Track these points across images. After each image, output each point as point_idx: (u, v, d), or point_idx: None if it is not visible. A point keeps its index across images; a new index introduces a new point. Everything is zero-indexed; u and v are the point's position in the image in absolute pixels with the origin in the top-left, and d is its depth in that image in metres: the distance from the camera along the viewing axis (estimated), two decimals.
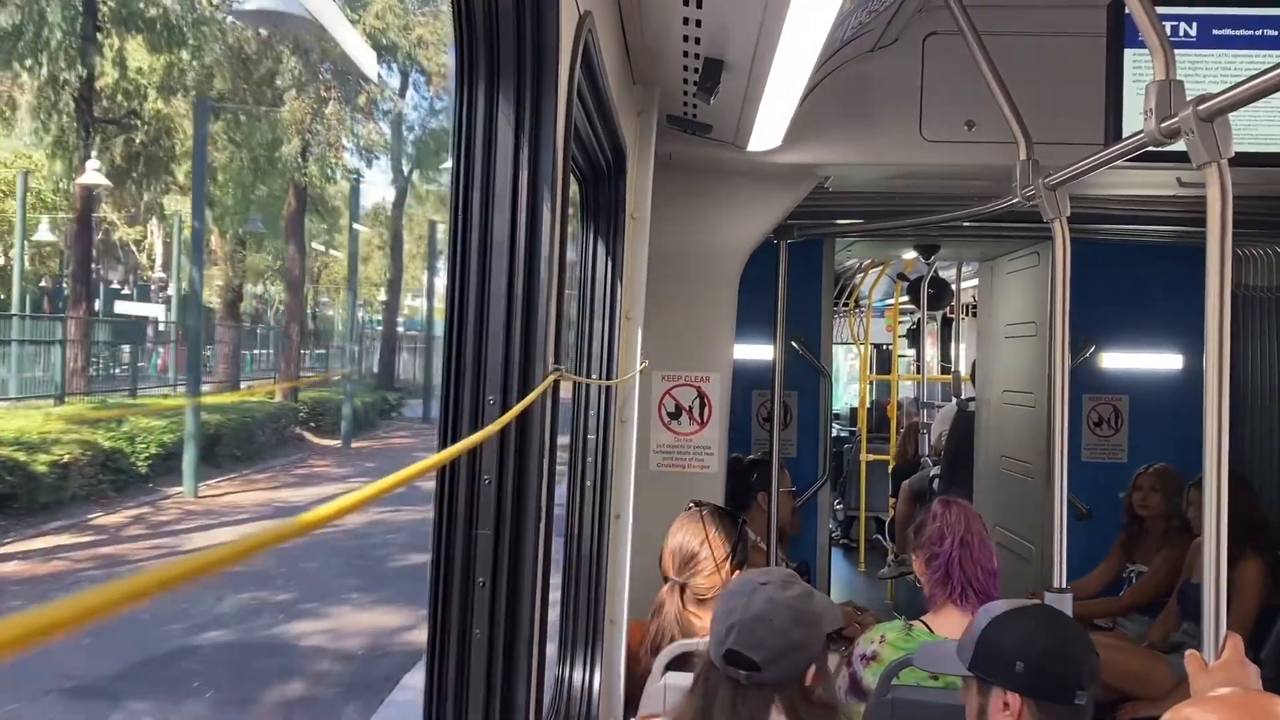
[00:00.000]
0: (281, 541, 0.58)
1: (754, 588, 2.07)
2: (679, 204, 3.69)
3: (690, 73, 2.62)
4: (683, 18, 2.27)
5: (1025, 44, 3.23)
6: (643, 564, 3.00)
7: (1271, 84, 1.61)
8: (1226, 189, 1.70)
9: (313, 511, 0.60)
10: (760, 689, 1.99)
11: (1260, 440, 5.13)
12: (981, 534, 2.89)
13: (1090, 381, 5.45)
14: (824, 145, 3.48)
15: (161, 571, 0.46)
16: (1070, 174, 2.47)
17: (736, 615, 2.02)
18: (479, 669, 1.50)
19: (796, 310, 5.00)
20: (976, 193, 3.54)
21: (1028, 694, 2.06)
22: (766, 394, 4.94)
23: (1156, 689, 3.87)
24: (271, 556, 11.08)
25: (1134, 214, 4.35)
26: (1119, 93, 2.82)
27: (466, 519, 1.50)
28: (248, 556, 0.53)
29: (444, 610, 1.50)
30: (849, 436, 9.56)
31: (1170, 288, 4.99)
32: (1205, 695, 1.50)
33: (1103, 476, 5.36)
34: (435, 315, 50.09)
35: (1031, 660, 2.06)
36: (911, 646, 2.76)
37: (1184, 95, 1.85)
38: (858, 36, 3.20)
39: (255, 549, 0.54)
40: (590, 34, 1.83)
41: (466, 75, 1.57)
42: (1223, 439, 1.68)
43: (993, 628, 2.16)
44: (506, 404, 1.49)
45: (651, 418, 3.82)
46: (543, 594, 1.56)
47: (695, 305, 3.84)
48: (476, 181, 1.56)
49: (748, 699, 1.99)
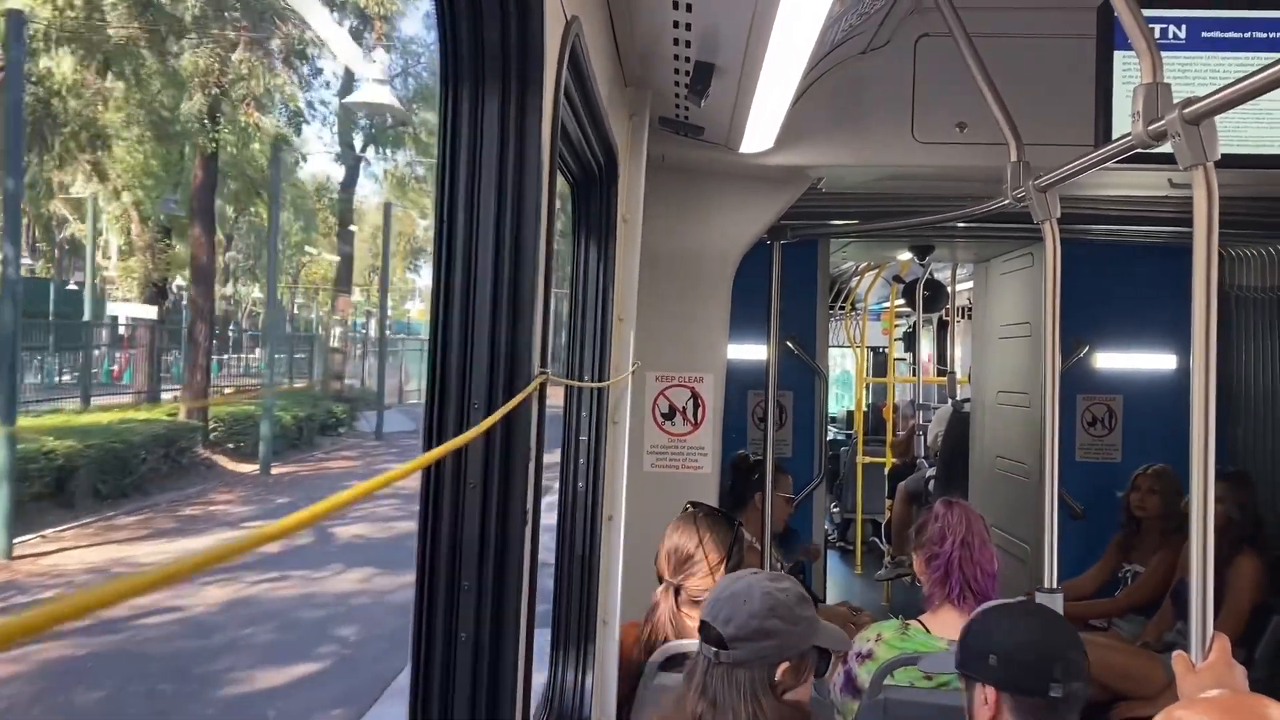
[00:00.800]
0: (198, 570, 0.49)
1: (746, 575, 2.14)
2: (672, 206, 3.69)
3: (681, 75, 2.63)
4: (673, 21, 2.27)
5: (1016, 46, 3.24)
6: (636, 565, 3.01)
7: (1256, 87, 1.62)
8: (1213, 191, 1.71)
9: (274, 523, 0.58)
10: (728, 669, 2.01)
11: (1254, 440, 5.14)
12: (983, 535, 2.90)
13: (1084, 381, 5.46)
14: (816, 147, 3.49)
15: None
16: (1060, 176, 2.48)
17: (718, 591, 2.10)
18: (465, 672, 1.50)
19: (792, 311, 5.01)
20: (969, 194, 3.55)
21: (1003, 687, 2.08)
22: (762, 394, 4.94)
23: (1151, 689, 3.87)
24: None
25: (1125, 215, 4.36)
26: (1108, 95, 2.83)
27: (451, 522, 1.50)
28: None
29: (429, 613, 1.50)
30: (845, 440, 9.56)
31: (1163, 288, 5.00)
32: (1197, 697, 1.50)
33: (1097, 476, 5.37)
34: (403, 316, 48.69)
35: (1003, 653, 2.08)
36: (908, 646, 2.77)
37: (1170, 98, 1.86)
38: (849, 39, 3.21)
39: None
40: (578, 38, 1.84)
41: (451, 79, 1.57)
42: (1209, 438, 1.68)
43: (973, 624, 2.20)
44: (492, 407, 1.49)
45: (645, 418, 3.83)
46: (530, 596, 1.56)
47: (689, 306, 3.84)
48: (462, 184, 1.56)
49: (714, 676, 2.02)
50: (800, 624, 2.07)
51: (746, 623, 2.02)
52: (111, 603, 0.46)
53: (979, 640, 2.14)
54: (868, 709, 2.61)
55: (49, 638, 7.41)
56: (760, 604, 2.04)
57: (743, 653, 2.01)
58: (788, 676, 2.04)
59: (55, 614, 0.43)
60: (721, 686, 2.01)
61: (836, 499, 8.94)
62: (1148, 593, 4.64)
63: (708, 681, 2.02)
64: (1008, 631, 2.13)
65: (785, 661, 2.04)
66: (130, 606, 8.76)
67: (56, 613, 0.43)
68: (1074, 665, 2.07)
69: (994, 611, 2.24)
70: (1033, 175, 2.62)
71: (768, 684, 2.01)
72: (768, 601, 2.04)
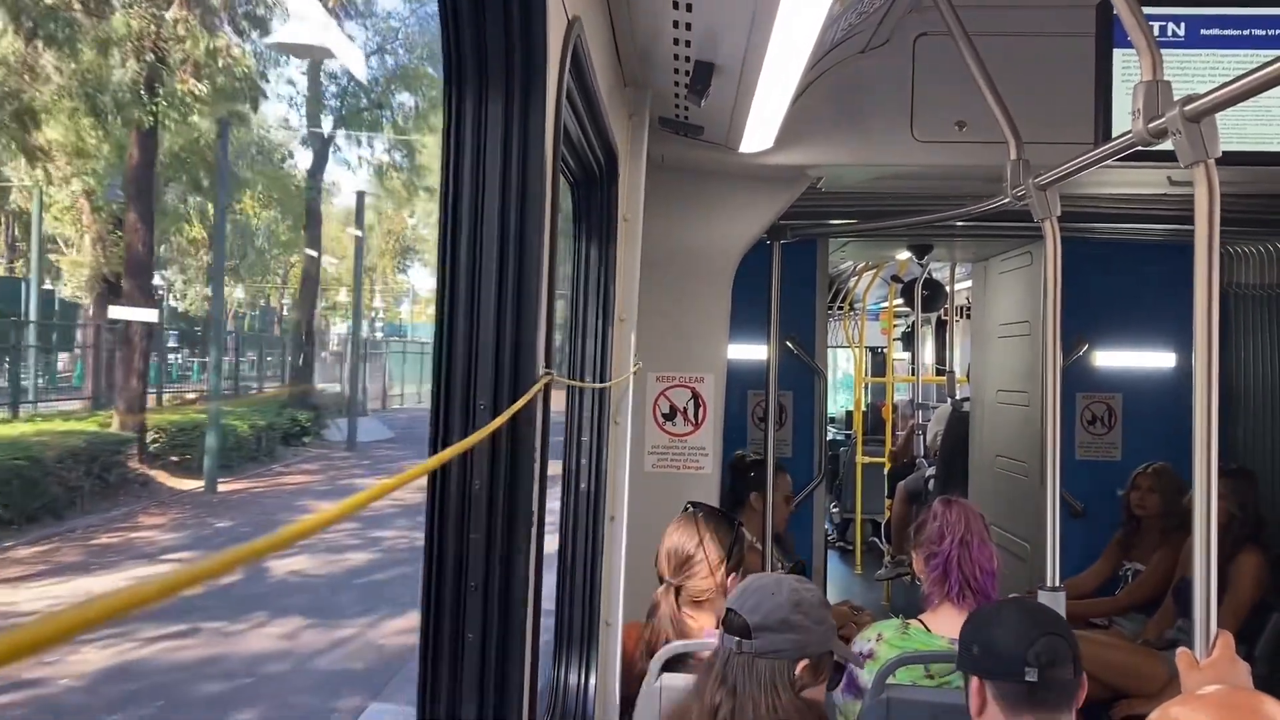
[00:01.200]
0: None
1: (776, 574, 2.22)
2: (672, 206, 3.70)
3: (681, 75, 2.63)
4: (673, 21, 2.27)
5: (1015, 44, 3.24)
6: (638, 566, 3.01)
7: (1257, 84, 1.62)
8: (1214, 188, 1.71)
9: (278, 532, 0.56)
10: (749, 659, 2.04)
11: (1255, 438, 5.15)
12: (982, 534, 2.90)
13: (1084, 380, 5.46)
14: (816, 146, 3.49)
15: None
16: (1060, 174, 2.48)
17: (747, 583, 2.16)
18: (472, 672, 1.50)
19: (791, 311, 5.01)
20: (968, 193, 3.56)
21: (984, 676, 2.10)
22: (762, 394, 4.95)
23: (1152, 686, 3.88)
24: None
25: (1125, 213, 4.37)
26: (1108, 93, 2.83)
27: (458, 523, 1.51)
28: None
29: (437, 614, 1.51)
30: (845, 440, 9.56)
31: (1162, 286, 5.00)
32: (1193, 693, 1.51)
33: (1097, 474, 5.37)
34: (395, 318, 46.83)
35: (982, 642, 2.13)
36: (908, 645, 2.77)
37: (1171, 95, 1.86)
38: (848, 38, 3.21)
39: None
40: (579, 38, 1.84)
41: (455, 80, 1.57)
42: (1212, 436, 1.69)
43: (966, 622, 2.24)
44: (497, 408, 1.49)
45: (646, 419, 3.83)
46: (535, 596, 1.56)
47: (689, 306, 3.85)
48: (466, 185, 1.57)
49: (734, 666, 2.05)
50: (823, 625, 2.11)
51: (773, 613, 2.06)
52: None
53: (967, 634, 2.20)
54: (871, 709, 2.61)
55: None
56: (788, 598, 2.08)
57: (765, 643, 2.04)
58: (806, 674, 2.07)
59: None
60: (742, 676, 2.04)
61: (836, 499, 8.95)
62: (1148, 591, 4.65)
63: (727, 671, 2.05)
64: (990, 623, 2.18)
65: (805, 659, 2.07)
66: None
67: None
68: (1052, 651, 2.08)
69: (985, 607, 2.31)
70: (1033, 173, 2.62)
71: (787, 678, 2.03)
72: (794, 597, 2.09)
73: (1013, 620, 2.15)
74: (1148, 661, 4.01)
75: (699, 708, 2.05)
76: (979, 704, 2.11)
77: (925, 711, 2.57)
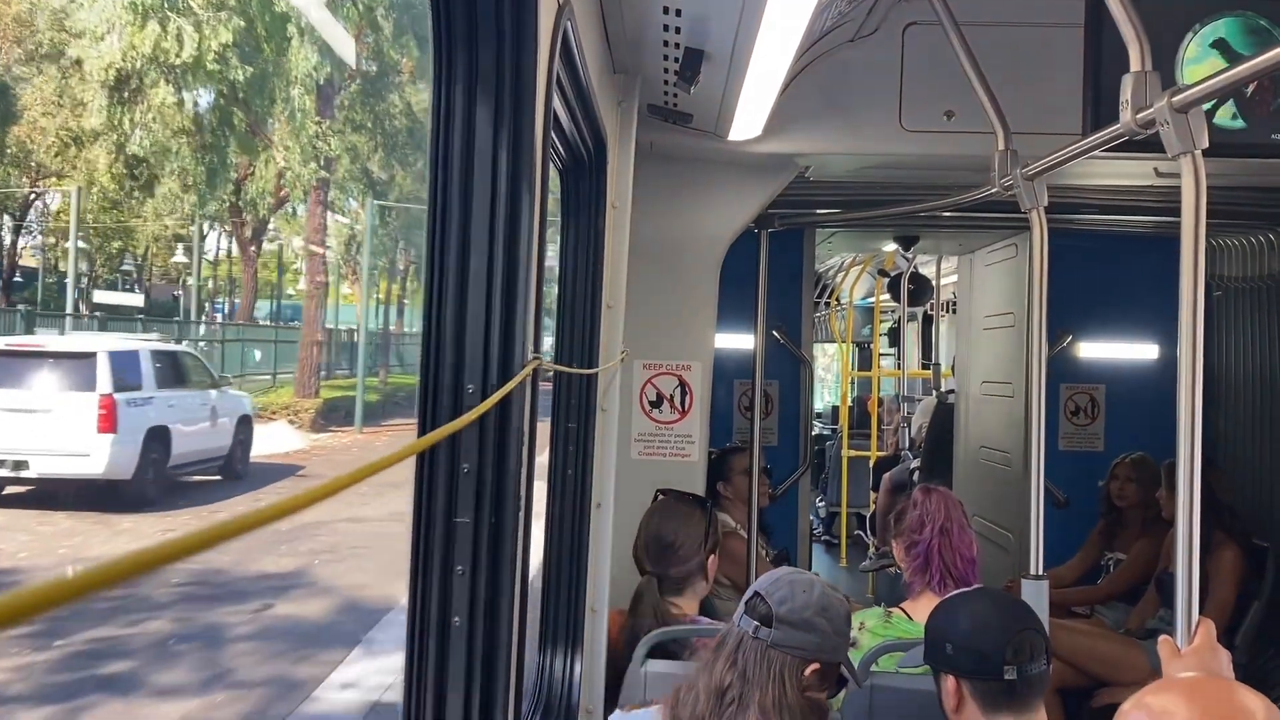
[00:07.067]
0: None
1: (812, 574, 2.21)
2: (660, 193, 3.69)
3: (671, 62, 2.62)
4: (663, 7, 2.27)
5: (1004, 34, 3.24)
6: (623, 553, 3.02)
7: (1245, 75, 1.63)
8: (1201, 179, 1.72)
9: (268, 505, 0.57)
10: (764, 647, 2.04)
11: (1237, 430, 5.18)
12: (961, 521, 2.92)
13: (1067, 371, 5.49)
14: (804, 135, 3.49)
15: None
16: (1048, 164, 2.49)
17: (780, 573, 2.15)
18: (459, 656, 1.50)
19: (778, 300, 5.02)
20: (956, 182, 3.56)
21: (961, 674, 2.10)
22: (748, 383, 4.95)
23: (1133, 675, 3.90)
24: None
25: (1112, 204, 4.38)
26: (1097, 83, 2.83)
27: (445, 506, 1.50)
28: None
29: (423, 598, 1.50)
30: (831, 434, 9.59)
31: (1147, 278, 5.03)
32: (1168, 680, 1.52)
33: (1080, 465, 5.40)
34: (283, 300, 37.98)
35: (957, 639, 2.11)
36: (890, 633, 2.79)
37: (1159, 86, 1.87)
38: (838, 26, 3.21)
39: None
40: (570, 24, 1.83)
41: (445, 65, 1.57)
42: (1195, 427, 1.70)
43: (933, 616, 2.23)
44: (486, 392, 1.49)
45: (633, 406, 3.83)
46: (522, 581, 1.56)
47: (677, 294, 3.84)
48: (455, 171, 1.56)
49: (748, 650, 2.05)
50: (841, 636, 2.11)
51: (799, 610, 2.05)
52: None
53: (937, 630, 2.18)
54: (854, 696, 2.62)
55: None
56: (818, 599, 2.08)
57: (783, 636, 2.04)
58: (814, 678, 2.07)
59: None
60: (754, 661, 2.03)
61: (822, 493, 8.98)
62: (1130, 580, 4.68)
63: (739, 654, 2.05)
64: (961, 618, 2.16)
65: (816, 663, 2.07)
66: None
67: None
68: (1028, 646, 2.08)
69: (951, 600, 2.29)
70: (1020, 163, 2.63)
71: (796, 676, 2.04)
72: (824, 601, 2.09)
73: (985, 616, 2.14)
74: (1129, 651, 4.03)
75: (705, 683, 2.05)
76: (955, 702, 2.11)
77: (908, 698, 2.58)
